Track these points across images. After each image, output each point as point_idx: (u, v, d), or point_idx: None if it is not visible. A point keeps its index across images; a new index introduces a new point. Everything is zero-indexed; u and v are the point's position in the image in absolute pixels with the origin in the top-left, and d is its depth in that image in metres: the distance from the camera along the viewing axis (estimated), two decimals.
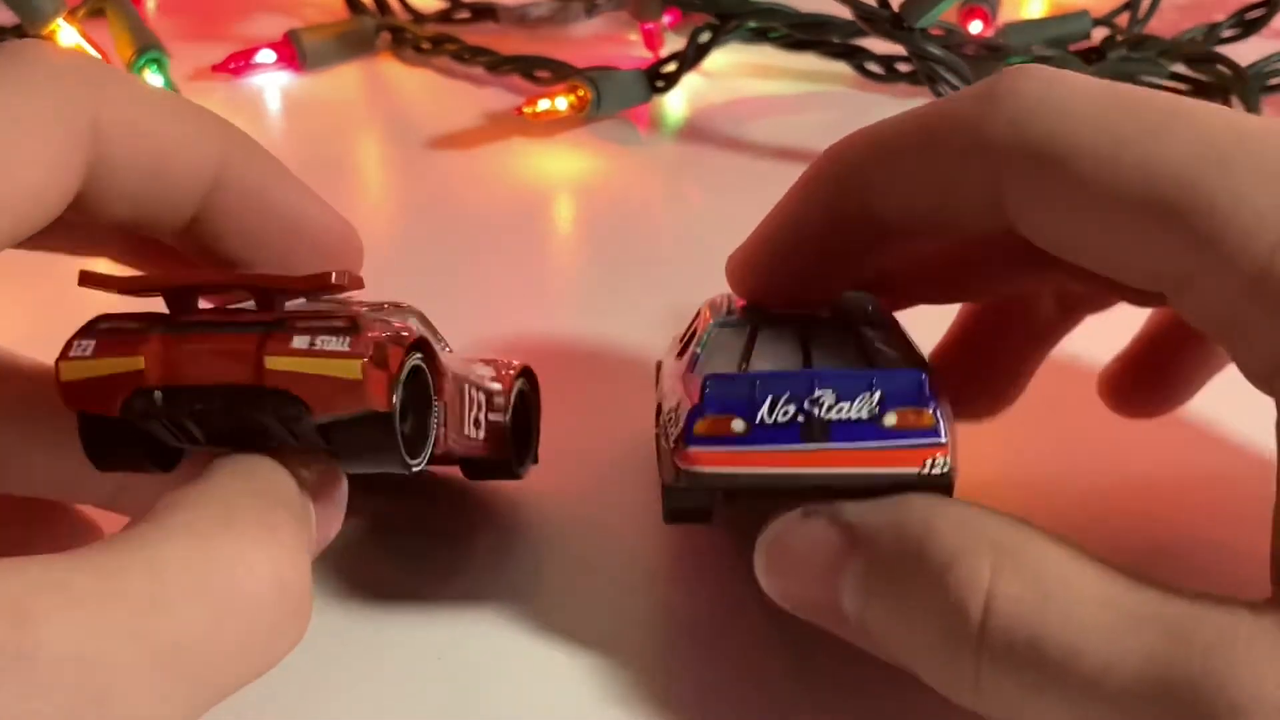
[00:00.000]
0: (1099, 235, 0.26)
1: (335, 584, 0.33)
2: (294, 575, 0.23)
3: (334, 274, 0.25)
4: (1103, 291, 0.32)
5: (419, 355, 0.26)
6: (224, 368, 0.24)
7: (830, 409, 0.26)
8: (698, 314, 0.33)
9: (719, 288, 0.45)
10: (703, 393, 0.27)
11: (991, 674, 0.24)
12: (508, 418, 0.33)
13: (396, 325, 0.26)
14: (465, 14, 0.67)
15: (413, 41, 0.64)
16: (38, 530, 0.31)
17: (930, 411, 0.26)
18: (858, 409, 0.26)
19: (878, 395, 0.26)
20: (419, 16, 0.67)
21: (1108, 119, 0.25)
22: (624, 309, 0.45)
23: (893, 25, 0.51)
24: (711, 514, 0.29)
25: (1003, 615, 0.24)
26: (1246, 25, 0.62)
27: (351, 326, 0.24)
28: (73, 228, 0.27)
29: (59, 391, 0.25)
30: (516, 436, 0.34)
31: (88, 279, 0.25)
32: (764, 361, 0.28)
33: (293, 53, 0.63)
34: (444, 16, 0.67)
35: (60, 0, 0.55)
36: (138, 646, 0.20)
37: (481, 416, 0.31)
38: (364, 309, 0.26)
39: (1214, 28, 0.61)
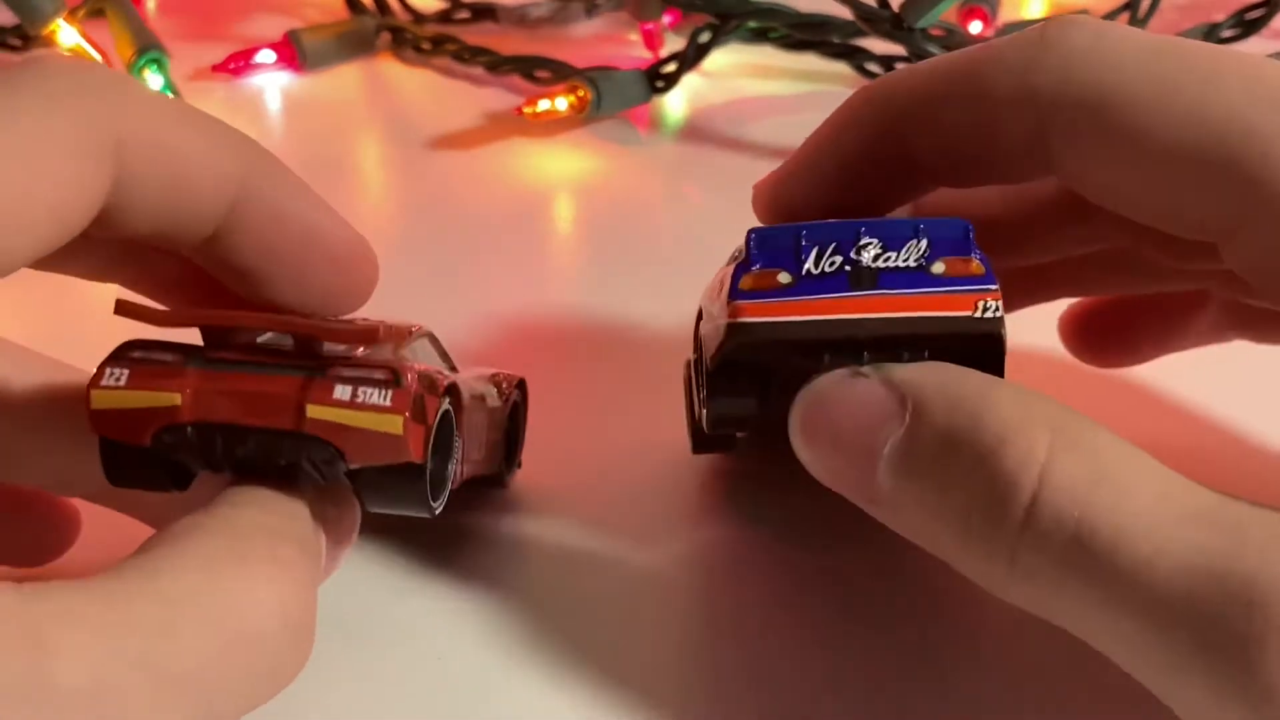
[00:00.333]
0: (1149, 185, 0.26)
1: (335, 584, 0.33)
2: (299, 610, 0.24)
3: (380, 328, 0.25)
4: (1147, 247, 0.31)
5: (449, 400, 0.26)
6: (264, 411, 0.24)
7: (878, 257, 0.26)
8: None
9: None
10: (748, 246, 0.27)
11: (1031, 553, 0.24)
12: (503, 433, 0.33)
13: (428, 370, 0.26)
14: (465, 14, 0.67)
15: (413, 41, 0.64)
16: (18, 517, 0.31)
17: (977, 259, 0.26)
18: (905, 256, 0.26)
19: (925, 243, 0.26)
20: (419, 16, 0.67)
21: (1158, 67, 0.25)
22: (624, 309, 0.45)
23: (893, 25, 0.51)
24: (735, 441, 0.28)
25: (1055, 490, 0.23)
26: (1246, 25, 0.62)
27: (393, 379, 0.24)
28: (91, 246, 0.27)
29: (87, 417, 0.25)
30: (506, 447, 0.34)
31: (124, 309, 0.25)
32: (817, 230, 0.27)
33: (293, 53, 0.63)
34: (444, 17, 0.67)
35: (60, 0, 0.55)
36: (147, 675, 0.21)
37: (484, 438, 0.31)
38: (379, 327, 0.26)
39: (1214, 28, 0.61)
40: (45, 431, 0.28)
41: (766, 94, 0.61)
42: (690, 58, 0.58)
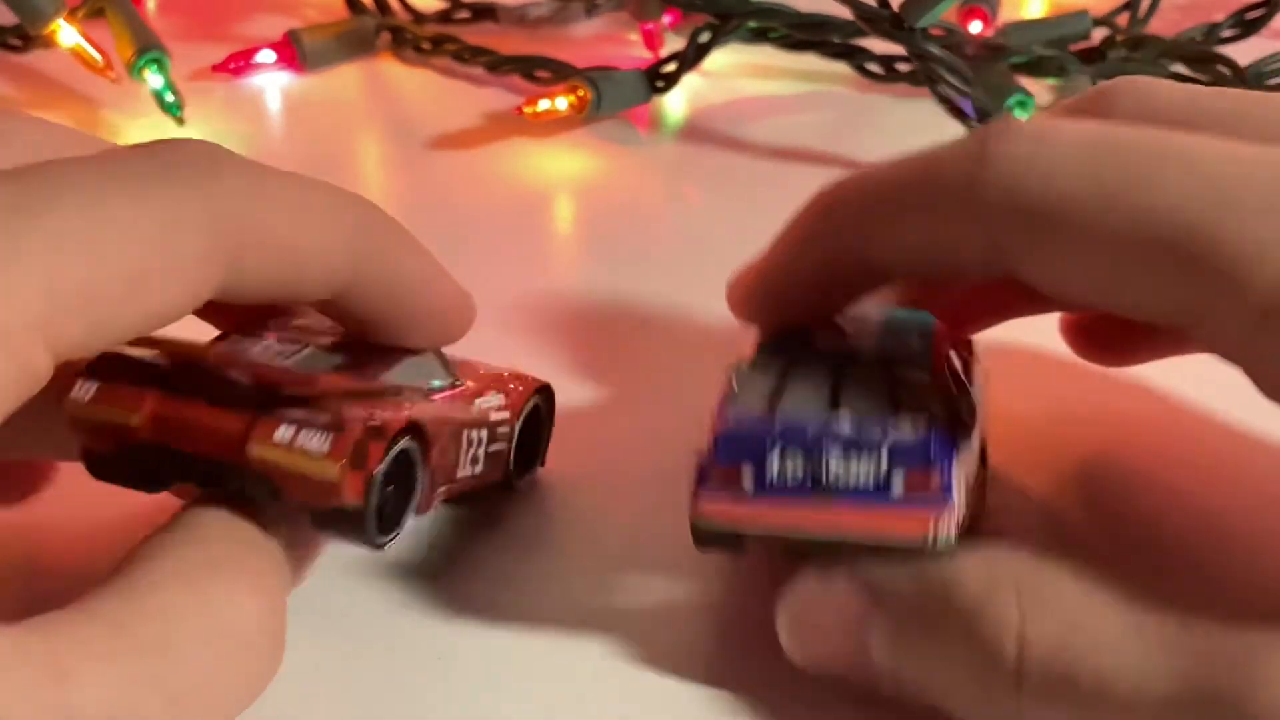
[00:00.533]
0: (1103, 284, 0.26)
1: (334, 585, 0.33)
2: (274, 618, 0.25)
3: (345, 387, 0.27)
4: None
5: (407, 438, 0.27)
6: (210, 442, 0.26)
7: (837, 468, 0.26)
8: None
9: (719, 288, 0.45)
10: (715, 444, 0.27)
11: (1034, 709, 0.25)
12: (512, 443, 0.33)
13: (385, 413, 0.27)
14: (465, 14, 0.67)
15: (413, 41, 0.64)
16: None
17: (937, 473, 0.25)
18: (866, 470, 0.26)
19: (885, 455, 0.26)
20: (419, 16, 0.67)
21: (1098, 172, 0.26)
22: (624, 308, 0.45)
23: (893, 25, 0.51)
24: (744, 545, 0.28)
25: (1037, 652, 0.25)
26: (1246, 25, 0.62)
27: (335, 424, 0.25)
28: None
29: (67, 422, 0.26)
30: (521, 453, 0.34)
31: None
32: (792, 400, 0.28)
33: (293, 53, 0.63)
34: (444, 16, 0.67)
35: (60, 0, 0.55)
36: (157, 693, 0.22)
37: (481, 453, 0.31)
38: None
39: (1214, 28, 0.61)
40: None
41: (766, 94, 0.61)
42: (690, 58, 0.58)
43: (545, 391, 0.35)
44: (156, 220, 0.24)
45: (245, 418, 0.26)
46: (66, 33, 0.56)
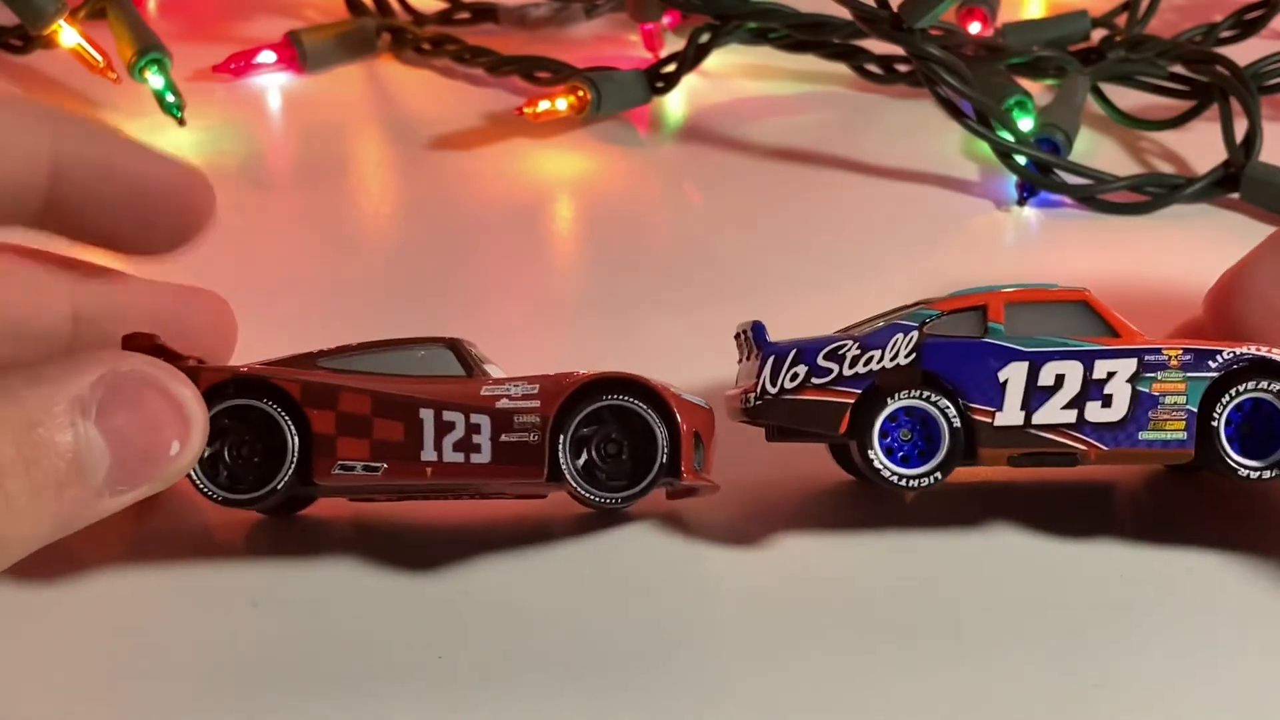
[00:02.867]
0: None
1: (335, 585, 0.33)
2: None
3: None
4: None
5: (238, 395, 0.29)
6: None
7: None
8: None
9: (718, 288, 0.45)
10: None
11: None
12: (544, 435, 0.31)
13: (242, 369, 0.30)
14: (465, 15, 0.67)
15: (413, 42, 0.64)
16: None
17: None
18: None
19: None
20: (419, 17, 0.67)
21: None
22: (624, 308, 0.45)
23: (892, 26, 0.51)
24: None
25: None
26: (1245, 26, 0.62)
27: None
28: None
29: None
30: (606, 457, 0.32)
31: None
32: None
33: (293, 54, 0.63)
34: (444, 17, 0.67)
35: (61, 1, 0.55)
36: None
37: (481, 439, 0.31)
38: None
39: (1213, 28, 0.61)
40: None
41: (766, 94, 0.61)
42: (690, 58, 0.58)
43: (636, 388, 0.32)
44: None
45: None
46: (67, 33, 0.56)
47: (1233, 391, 0.31)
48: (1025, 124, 0.53)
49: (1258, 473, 0.32)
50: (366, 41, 0.65)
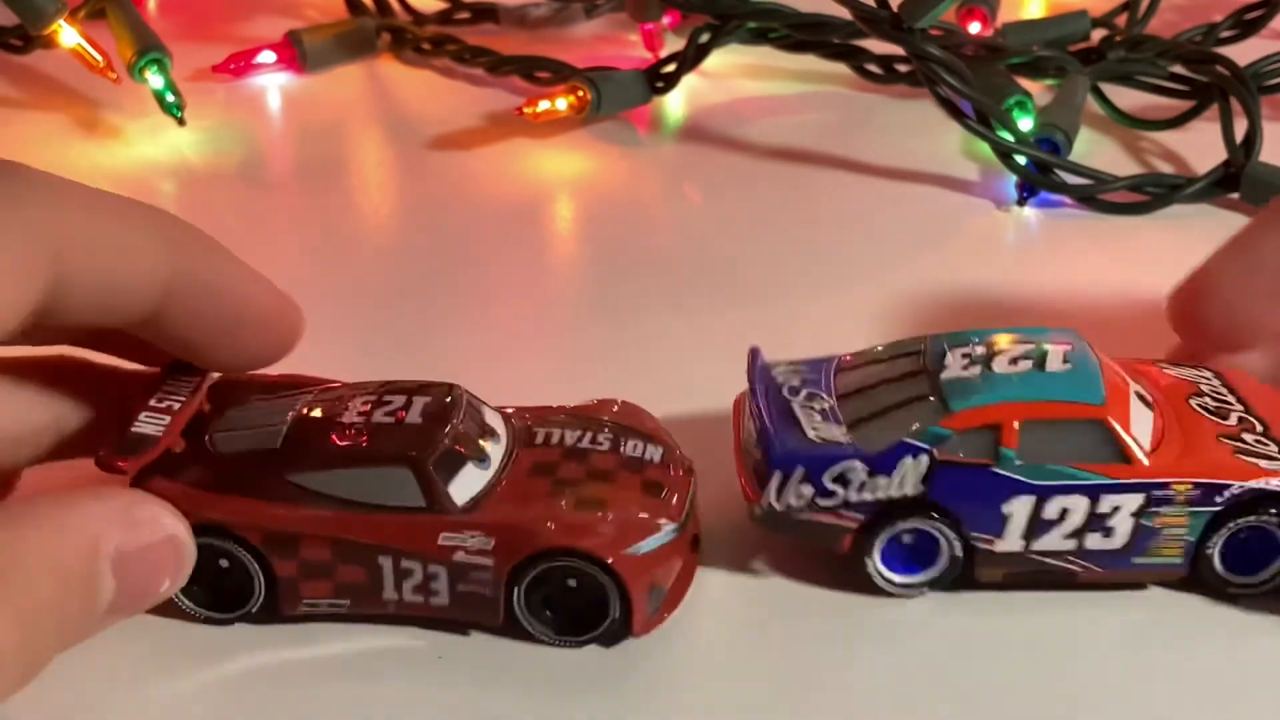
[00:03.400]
0: None
1: None
2: (26, 650, 0.25)
3: None
4: None
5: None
6: None
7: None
8: None
9: (719, 288, 0.45)
10: None
11: None
12: (500, 593, 0.30)
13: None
14: (465, 15, 0.67)
15: (413, 42, 0.64)
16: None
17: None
18: None
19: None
20: (419, 17, 0.67)
21: None
22: (623, 308, 0.45)
23: (892, 26, 0.51)
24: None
25: None
26: (1245, 26, 0.62)
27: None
28: (36, 335, 0.29)
29: None
30: (556, 612, 0.31)
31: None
32: None
33: (293, 54, 0.63)
34: (444, 17, 0.67)
35: (62, 1, 0.55)
36: None
37: (439, 586, 0.31)
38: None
39: (1212, 28, 0.61)
40: None
41: (766, 94, 0.61)
42: (690, 58, 0.58)
43: (589, 559, 0.30)
44: None
45: None
46: (67, 33, 0.56)
47: (1231, 525, 0.31)
48: (1025, 124, 0.53)
49: (1248, 590, 0.31)
50: (366, 41, 0.65)
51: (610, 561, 0.30)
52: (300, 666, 0.31)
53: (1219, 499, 0.30)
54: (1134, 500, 0.31)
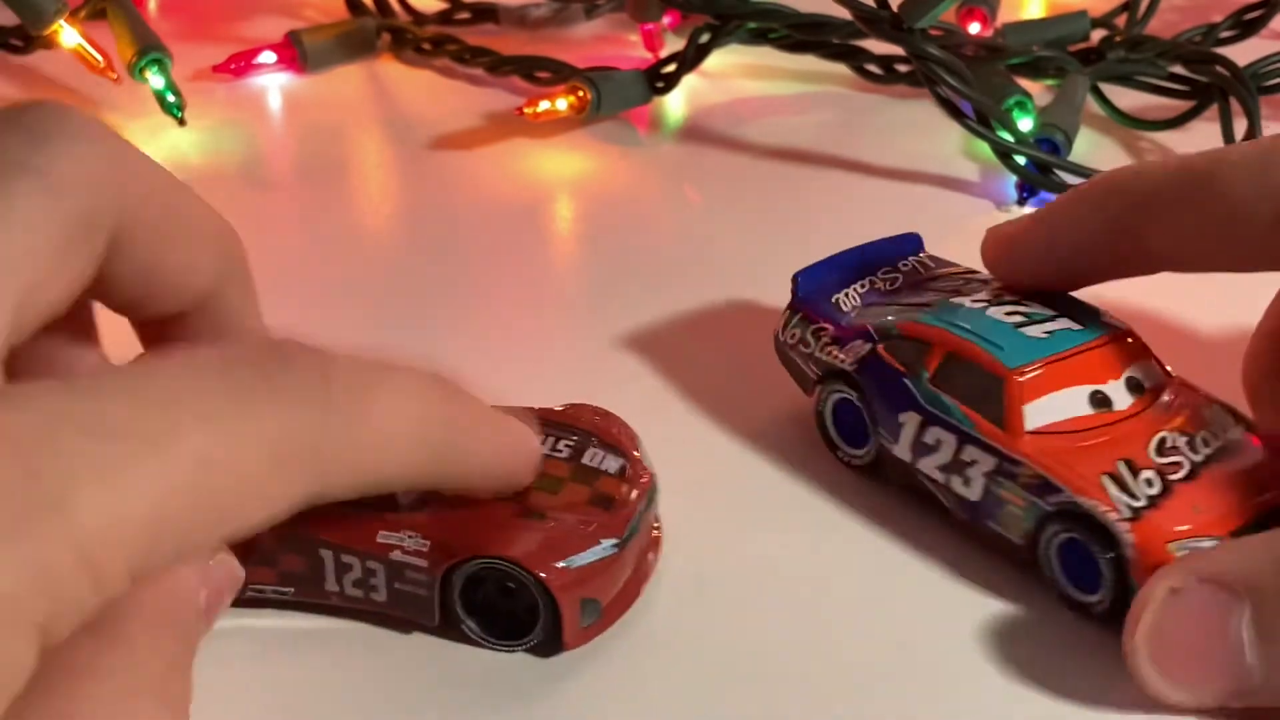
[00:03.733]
0: None
1: None
2: None
3: None
4: None
5: None
6: None
7: None
8: None
9: (719, 288, 0.45)
10: None
11: None
12: (434, 592, 0.30)
13: None
14: (465, 15, 0.67)
15: (413, 42, 0.64)
16: None
17: None
18: None
19: None
20: (419, 17, 0.67)
21: None
22: (623, 308, 0.45)
23: (892, 26, 0.51)
24: None
25: None
26: (1245, 26, 0.62)
27: None
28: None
29: None
30: (488, 617, 0.31)
31: None
32: None
33: (293, 54, 0.63)
34: (444, 17, 0.67)
35: (62, 1, 0.55)
36: None
37: (378, 582, 0.31)
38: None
39: (1212, 28, 0.61)
40: None
41: (766, 94, 0.61)
42: (690, 58, 0.58)
43: (520, 568, 0.30)
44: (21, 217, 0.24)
45: None
46: (68, 33, 0.56)
47: (1055, 529, 0.31)
48: (1025, 124, 0.53)
49: (1086, 609, 0.31)
50: (366, 41, 0.65)
51: (540, 574, 0.29)
52: (297, 668, 0.31)
53: (1050, 500, 0.31)
54: (988, 461, 0.32)
